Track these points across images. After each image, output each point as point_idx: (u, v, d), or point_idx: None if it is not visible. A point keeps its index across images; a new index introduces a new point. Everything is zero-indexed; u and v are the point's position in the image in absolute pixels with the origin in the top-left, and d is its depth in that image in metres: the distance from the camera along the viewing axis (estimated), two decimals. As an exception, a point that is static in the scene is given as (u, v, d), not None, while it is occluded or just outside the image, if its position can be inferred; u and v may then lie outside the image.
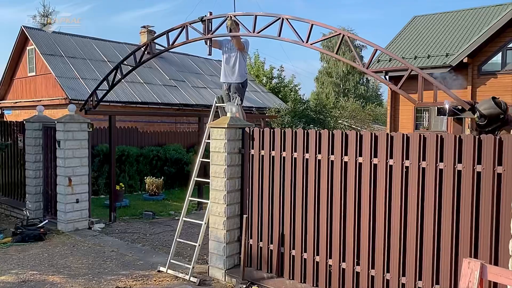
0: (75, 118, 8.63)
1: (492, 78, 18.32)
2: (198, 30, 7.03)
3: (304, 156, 5.44)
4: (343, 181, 5.12)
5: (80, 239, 8.13)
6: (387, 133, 4.72)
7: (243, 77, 7.06)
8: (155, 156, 14.92)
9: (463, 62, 18.15)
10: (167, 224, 9.52)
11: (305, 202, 5.46)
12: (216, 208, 6.10)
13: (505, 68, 17.93)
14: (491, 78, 18.34)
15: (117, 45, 19.54)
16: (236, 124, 6.03)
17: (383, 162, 4.79)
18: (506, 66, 17.94)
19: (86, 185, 8.89)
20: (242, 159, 6.14)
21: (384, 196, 4.80)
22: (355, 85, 51.44)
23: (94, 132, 11.13)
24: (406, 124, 20.33)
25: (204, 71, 21.67)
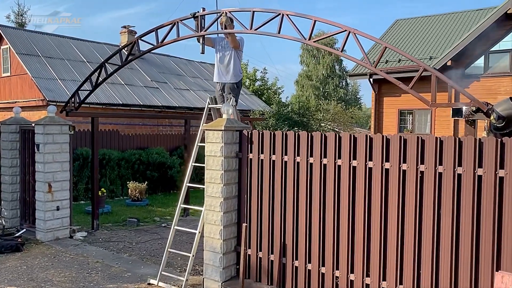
0: (55, 120, 8.10)
1: (475, 81, 18.40)
2: (190, 27, 6.64)
3: (308, 161, 5.11)
4: (351, 187, 4.81)
5: (61, 249, 7.61)
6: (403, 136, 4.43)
7: (238, 76, 6.70)
8: (137, 160, 14.40)
9: (446, 65, 18.19)
10: (153, 231, 9.05)
11: (309, 209, 5.12)
12: (212, 216, 5.70)
13: (488, 71, 18.05)
14: (474, 81, 18.41)
15: (96, 45, 18.89)
16: (233, 126, 5.66)
17: (395, 167, 4.50)
18: (488, 69, 18.06)
19: (67, 191, 8.36)
20: (239, 164, 5.76)
21: (397, 202, 4.51)
22: (334, 88, 51.60)
23: (74, 135, 10.61)
24: (390, 127, 20.29)
25: (186, 73, 21.19)
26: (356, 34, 5.09)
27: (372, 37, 5.24)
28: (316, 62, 51.52)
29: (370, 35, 5.25)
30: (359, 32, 5.10)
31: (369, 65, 5.24)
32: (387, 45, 5.06)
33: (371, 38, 5.24)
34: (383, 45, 5.07)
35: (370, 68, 5.27)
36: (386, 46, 5.05)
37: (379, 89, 20.42)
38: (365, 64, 5.35)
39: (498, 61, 17.98)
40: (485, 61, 18.13)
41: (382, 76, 19.42)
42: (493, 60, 18.11)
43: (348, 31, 5.13)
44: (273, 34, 5.76)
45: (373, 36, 5.25)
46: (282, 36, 5.69)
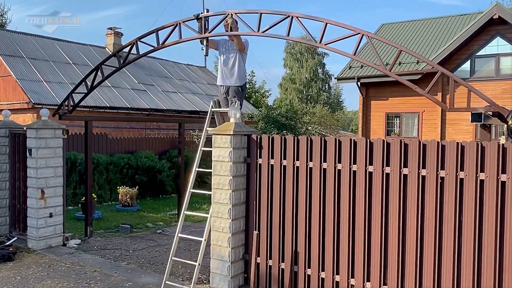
0: (48, 124, 7.81)
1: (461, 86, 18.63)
2: (193, 29, 6.47)
3: (322, 166, 4.99)
4: (367, 192, 4.71)
5: (56, 258, 7.32)
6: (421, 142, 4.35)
7: (243, 79, 6.54)
8: (126, 164, 14.09)
9: (395, 73, 18.36)
10: (149, 238, 8.81)
11: (323, 215, 5.01)
12: (220, 223, 5.54)
13: (474, 75, 18.31)
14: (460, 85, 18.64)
15: (82, 47, 18.47)
16: (241, 130, 5.52)
17: (414, 173, 4.42)
18: (474, 73, 18.32)
19: (61, 197, 8.07)
20: (248, 169, 5.62)
21: (416, 209, 4.43)
22: (318, 92, 51.86)
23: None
24: (377, 131, 20.39)
25: (173, 75, 20.91)
26: (369, 37, 5.01)
27: (386, 40, 5.17)
28: (299, 66, 51.74)
29: (383, 38, 5.18)
30: (372, 35, 5.02)
31: (383, 67, 5.16)
32: (402, 49, 4.99)
33: (384, 41, 5.16)
34: (398, 49, 4.99)
35: (384, 71, 5.19)
36: (401, 49, 4.98)
37: (367, 93, 20.52)
38: (378, 67, 5.26)
39: (484, 66, 18.25)
40: (471, 65, 18.40)
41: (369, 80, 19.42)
42: (479, 65, 18.38)
43: (362, 34, 5.04)
44: (282, 37, 5.63)
45: (386, 39, 5.18)
46: (291, 39, 5.57)
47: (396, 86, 19.73)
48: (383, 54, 21.10)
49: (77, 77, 16.11)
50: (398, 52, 5.07)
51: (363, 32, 5.02)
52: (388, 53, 20.79)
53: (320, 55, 52.66)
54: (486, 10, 18.68)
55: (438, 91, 18.90)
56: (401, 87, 19.78)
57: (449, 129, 18.96)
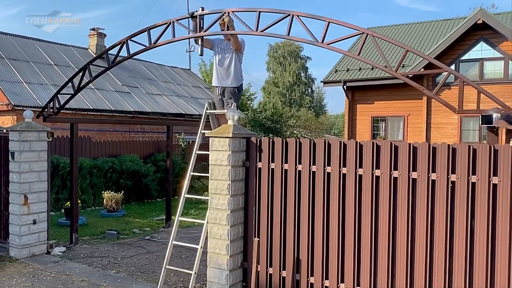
0: (32, 126, 7.46)
1: (446, 89, 18.77)
2: (187, 27, 6.23)
3: (325, 170, 4.81)
4: (373, 198, 4.54)
5: (40, 267, 6.95)
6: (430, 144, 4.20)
7: (239, 80, 6.32)
8: (110, 168, 13.70)
9: (401, 75, 18.47)
10: (138, 245, 8.48)
11: (327, 221, 4.82)
12: (217, 230, 5.30)
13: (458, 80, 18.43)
14: (445, 89, 18.78)
15: (64, 48, 17.98)
16: (240, 133, 5.29)
17: (424, 177, 4.26)
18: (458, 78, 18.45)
19: (45, 203, 7.71)
20: (246, 173, 5.40)
21: (426, 215, 4.27)
22: (301, 95, 51.99)
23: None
24: (363, 134, 20.40)
25: (158, 78, 20.55)
26: (374, 36, 4.86)
27: (392, 40, 5.03)
28: (282, 69, 51.79)
29: (387, 38, 5.04)
30: (376, 35, 4.87)
31: (389, 69, 5.01)
32: (409, 49, 4.85)
33: (388, 41, 5.02)
34: (405, 49, 4.86)
35: (390, 72, 5.04)
36: (408, 50, 4.84)
37: (353, 96, 20.53)
38: (383, 68, 5.11)
39: (468, 70, 18.43)
40: (456, 69, 18.53)
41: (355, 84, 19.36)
42: (463, 69, 18.55)
43: (366, 34, 4.89)
44: (282, 36, 5.44)
45: (391, 39, 5.04)
46: (292, 38, 5.38)
47: (381, 90, 19.79)
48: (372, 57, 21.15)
49: (59, 79, 15.66)
50: (405, 52, 4.93)
51: (368, 32, 4.87)
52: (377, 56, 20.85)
53: (303, 59, 52.85)
54: (470, 15, 18.88)
55: (424, 95, 19.04)
56: (387, 91, 19.87)
57: (434, 133, 19.08)
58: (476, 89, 4.70)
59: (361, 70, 20.23)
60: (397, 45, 4.99)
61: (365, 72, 20.08)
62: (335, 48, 5.17)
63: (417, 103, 19.52)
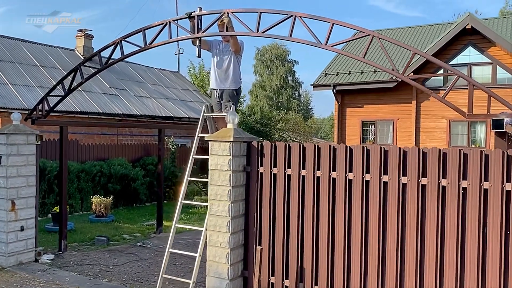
0: (20, 129, 7.18)
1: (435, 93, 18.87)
2: (184, 28, 6.04)
3: (331, 175, 4.67)
4: (381, 203, 4.41)
5: (28, 276, 6.67)
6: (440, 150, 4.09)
7: (238, 83, 6.16)
8: (98, 172, 13.40)
9: (409, 77, 18.53)
10: (130, 252, 8.23)
11: (332, 228, 4.67)
12: (217, 237, 5.11)
13: (447, 84, 18.55)
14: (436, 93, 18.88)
15: (50, 49, 17.59)
16: (241, 137, 5.13)
17: (434, 183, 4.15)
18: (447, 82, 18.56)
19: (33, 208, 7.43)
20: (247, 179, 5.23)
21: (436, 222, 4.15)
22: (288, 99, 51.99)
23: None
24: (353, 138, 20.39)
25: (146, 80, 20.25)
26: (380, 38, 4.74)
27: (398, 42, 4.92)
28: (269, 73, 51.75)
29: (394, 40, 4.93)
30: (383, 37, 4.76)
31: (396, 72, 4.90)
32: (416, 51, 4.74)
33: (394, 42, 4.92)
34: (412, 51, 4.75)
35: (398, 76, 4.93)
36: (415, 52, 4.74)
37: (342, 100, 20.51)
38: (390, 71, 5.00)
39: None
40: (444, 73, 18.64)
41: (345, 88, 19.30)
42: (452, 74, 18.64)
43: (372, 36, 4.77)
44: (284, 38, 5.29)
45: (398, 41, 4.94)
46: (294, 40, 5.24)
47: (371, 94, 19.81)
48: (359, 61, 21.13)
49: (45, 80, 15.30)
50: (412, 54, 4.82)
51: (374, 34, 4.75)
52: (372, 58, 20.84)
53: (290, 63, 52.92)
54: (459, 20, 19.03)
55: (413, 99, 19.12)
56: (376, 95, 19.90)
57: (423, 137, 19.15)
58: (487, 93, 4.61)
59: (351, 74, 20.23)
60: (404, 48, 4.88)
61: (354, 76, 20.08)
62: (339, 50, 5.05)
63: (406, 107, 19.58)
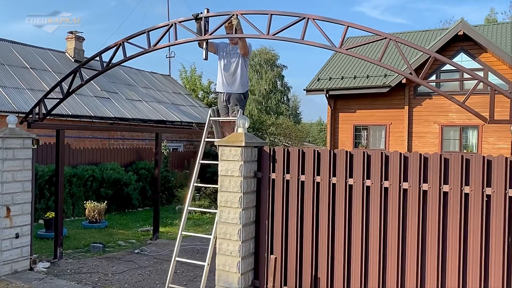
0: (16, 133, 6.93)
1: (428, 99, 19.01)
2: (191, 30, 5.88)
3: (347, 182, 4.54)
4: (401, 212, 4.29)
5: (24, 286, 6.41)
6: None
7: (245, 86, 6.01)
8: (90, 177, 13.10)
9: (401, 83, 18.63)
10: (128, 259, 8.00)
11: (349, 236, 4.54)
12: (227, 246, 4.94)
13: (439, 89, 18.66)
14: (426, 98, 19.02)
15: (40, 51, 17.24)
16: (252, 142, 4.98)
17: (456, 190, 4.05)
18: (440, 87, 18.66)
19: (28, 215, 7.17)
20: (258, 185, 5.07)
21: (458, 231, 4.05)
22: (276, 103, 51.99)
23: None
24: (345, 142, 20.36)
25: (138, 83, 19.98)
26: (398, 42, 4.65)
27: (414, 45, 4.83)
28: (258, 77, 51.70)
29: (412, 43, 4.85)
30: (401, 40, 4.66)
31: (414, 77, 4.81)
32: (435, 56, 4.66)
33: (413, 47, 4.83)
34: (431, 55, 4.66)
35: (416, 80, 4.84)
36: (435, 57, 4.65)
37: (335, 105, 20.49)
38: (408, 75, 4.90)
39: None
40: (437, 79, 18.74)
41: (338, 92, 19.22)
42: (443, 79, 18.77)
43: (389, 39, 4.68)
44: (295, 40, 5.17)
45: (415, 44, 4.85)
46: (307, 43, 5.11)
47: (363, 99, 19.82)
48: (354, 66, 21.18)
49: (35, 83, 14.98)
50: (431, 59, 4.73)
51: (391, 37, 4.65)
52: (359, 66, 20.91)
53: (279, 67, 52.96)
54: (451, 27, 19.17)
55: (405, 104, 19.17)
56: (369, 100, 19.91)
57: (416, 142, 19.20)
58: (509, 98, 4.53)
59: (344, 79, 20.23)
60: (423, 51, 4.79)
61: (347, 81, 20.09)
62: (354, 54, 4.93)
63: (399, 112, 19.64)
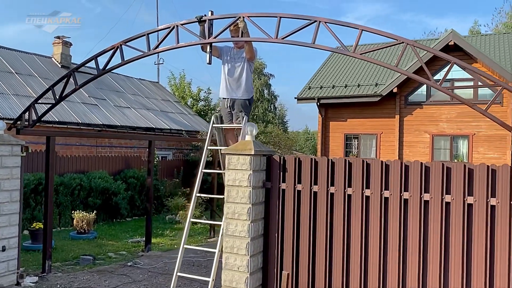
0: (4, 139, 6.54)
1: (418, 108, 19.01)
2: (193, 33, 5.62)
3: (364, 193, 4.30)
4: (422, 224, 4.07)
5: (11, 302, 6.03)
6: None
7: (250, 92, 5.76)
8: (77, 185, 12.65)
9: (392, 92, 18.61)
10: (120, 273, 7.62)
11: (365, 251, 4.30)
12: (234, 260, 4.65)
13: (430, 99, 18.71)
14: (417, 108, 19.02)
15: (25, 56, 16.75)
16: (261, 150, 4.72)
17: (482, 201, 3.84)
18: (430, 97, 18.72)
19: (16, 226, 6.77)
20: (267, 195, 4.81)
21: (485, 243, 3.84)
22: (264, 112, 51.87)
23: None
24: (336, 151, 20.23)
25: (126, 90, 19.59)
26: (415, 46, 4.46)
27: (431, 49, 4.66)
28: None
29: (429, 48, 4.66)
30: (418, 45, 4.48)
31: (433, 83, 4.61)
32: (455, 61, 4.47)
33: (430, 51, 4.65)
34: (452, 61, 4.48)
35: (435, 86, 4.64)
36: (455, 62, 4.46)
37: (326, 113, 20.37)
38: (427, 81, 4.71)
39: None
40: (427, 89, 18.78)
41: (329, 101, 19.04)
42: (434, 89, 18.80)
43: (406, 43, 4.49)
44: (306, 44, 4.94)
45: (432, 49, 4.67)
46: (318, 47, 4.90)
47: (354, 108, 19.75)
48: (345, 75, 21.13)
49: (21, 88, 14.51)
50: (451, 64, 4.55)
51: (408, 42, 4.46)
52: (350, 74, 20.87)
53: (267, 76, 52.92)
54: (442, 37, 19.26)
55: (396, 113, 19.13)
56: (360, 109, 19.85)
57: (407, 151, 19.15)
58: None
59: (335, 88, 20.14)
60: (443, 58, 4.60)
61: (338, 89, 20.01)
62: (368, 59, 4.73)
63: (390, 121, 19.59)
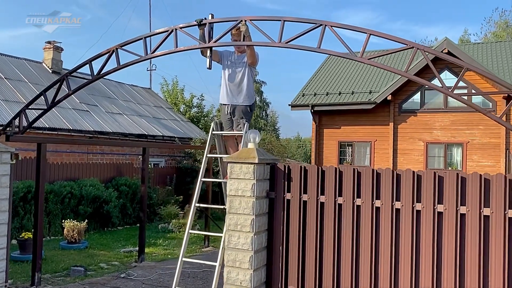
0: (-7, 146, 6.29)
1: (412, 116, 18.96)
2: (193, 36, 5.42)
3: (374, 204, 4.11)
4: (435, 236, 3.88)
5: (-1, 318, 5.72)
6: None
7: (252, 98, 5.57)
8: (68, 193, 12.32)
9: (386, 99, 18.55)
10: (114, 285, 7.33)
11: (375, 265, 4.10)
12: (237, 275, 4.43)
13: (424, 107, 18.70)
14: (411, 115, 18.97)
15: (15, 61, 16.42)
16: (265, 158, 4.52)
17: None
18: (424, 105, 18.70)
19: (5, 237, 6.48)
20: (271, 206, 4.60)
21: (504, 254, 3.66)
22: (255, 119, 51.76)
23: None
24: (330, 159, 20.10)
25: (118, 96, 19.31)
26: (425, 51, 4.31)
27: (441, 54, 4.50)
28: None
29: (439, 52, 4.51)
30: (428, 50, 4.33)
31: (445, 89, 4.45)
32: (469, 66, 4.32)
33: (439, 56, 4.50)
34: (465, 67, 4.33)
35: (446, 93, 4.48)
36: (469, 68, 4.31)
37: (320, 121, 20.25)
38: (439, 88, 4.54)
39: (433, 98, 18.68)
40: (421, 97, 18.78)
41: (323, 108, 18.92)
42: (428, 97, 18.79)
43: (416, 48, 4.33)
44: (311, 49, 4.77)
45: (442, 53, 4.52)
46: (323, 51, 4.73)
47: (348, 115, 19.65)
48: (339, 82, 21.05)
49: (10, 94, 14.18)
50: (464, 69, 4.40)
51: (418, 46, 4.31)
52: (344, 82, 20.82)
53: (258, 83, 52.89)
54: (436, 45, 19.28)
55: (390, 121, 19.06)
56: (354, 116, 19.76)
57: (401, 159, 19.08)
58: None
59: (328, 95, 20.04)
60: (459, 64, 4.44)
61: (332, 96, 19.91)
62: (378, 64, 4.57)
63: (384, 129, 19.52)
